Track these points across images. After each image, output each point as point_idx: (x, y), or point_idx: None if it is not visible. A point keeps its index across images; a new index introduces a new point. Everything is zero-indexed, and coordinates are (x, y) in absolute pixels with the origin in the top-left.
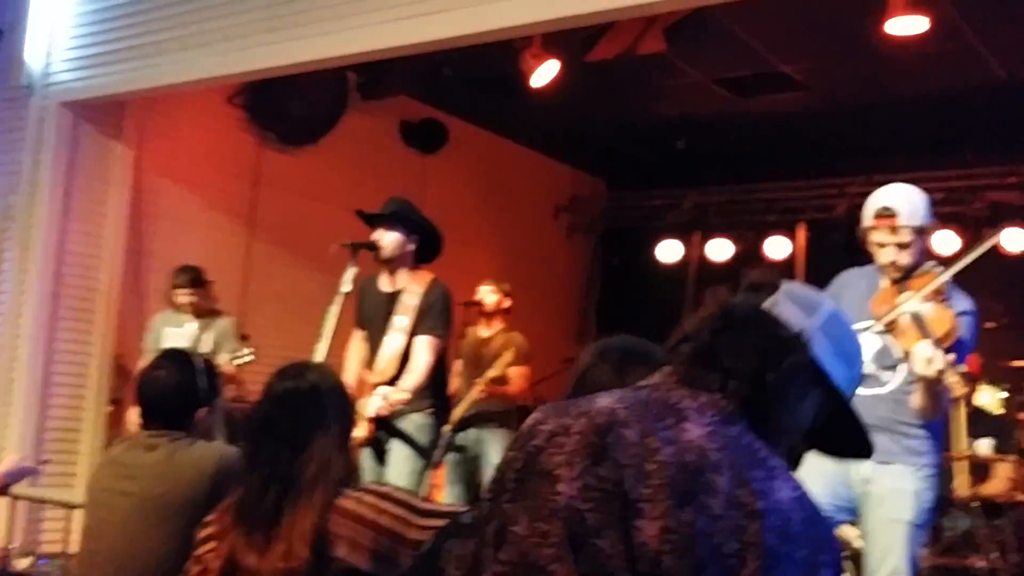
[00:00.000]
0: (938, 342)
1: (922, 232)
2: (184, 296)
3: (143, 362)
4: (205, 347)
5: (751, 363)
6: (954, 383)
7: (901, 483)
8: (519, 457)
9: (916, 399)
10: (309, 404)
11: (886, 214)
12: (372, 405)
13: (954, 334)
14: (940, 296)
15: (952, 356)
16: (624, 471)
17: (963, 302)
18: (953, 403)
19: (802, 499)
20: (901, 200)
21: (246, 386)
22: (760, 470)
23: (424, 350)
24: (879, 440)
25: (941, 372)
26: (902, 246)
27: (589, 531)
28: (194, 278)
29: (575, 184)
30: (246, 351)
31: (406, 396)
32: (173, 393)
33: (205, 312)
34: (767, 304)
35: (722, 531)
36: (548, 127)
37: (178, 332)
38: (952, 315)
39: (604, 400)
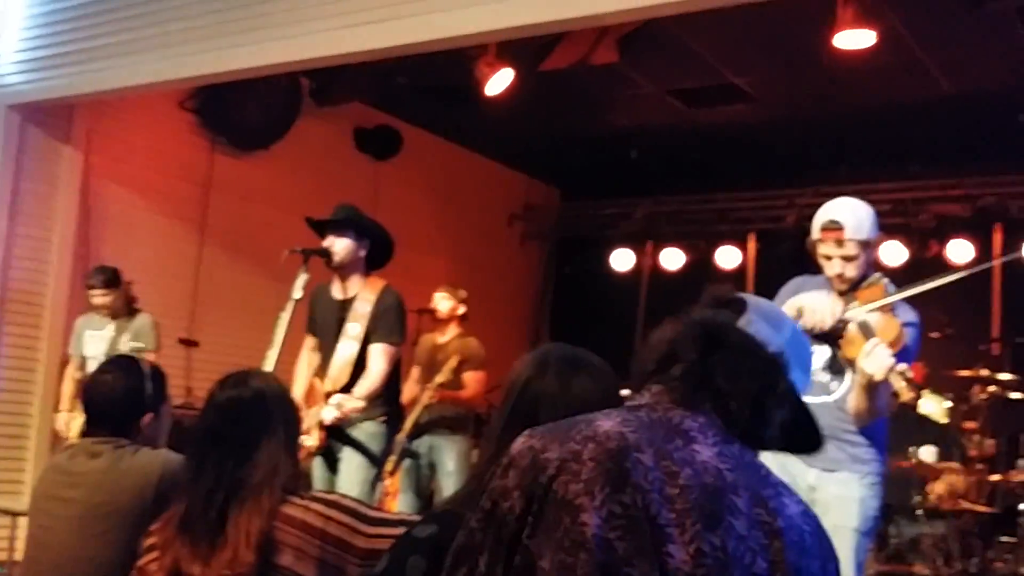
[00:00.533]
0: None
1: (868, 245)
2: (99, 297)
3: (70, 368)
4: (123, 349)
5: (750, 387)
6: (901, 388)
7: (846, 490)
8: (524, 489)
9: (853, 401)
10: (254, 411)
11: (833, 227)
12: (327, 413)
13: (900, 342)
14: (887, 307)
15: (904, 365)
16: (648, 496)
17: (908, 313)
18: (894, 409)
19: (807, 512)
20: (848, 214)
21: (195, 393)
22: (769, 488)
23: (379, 358)
24: (825, 447)
25: (890, 370)
26: (848, 259)
27: (620, 560)
28: (108, 278)
29: (529, 192)
30: (140, 345)
31: (361, 404)
32: (119, 399)
33: (123, 312)
34: (742, 323)
35: (750, 551)
36: (502, 135)
37: (98, 335)
38: (899, 324)
39: (606, 423)
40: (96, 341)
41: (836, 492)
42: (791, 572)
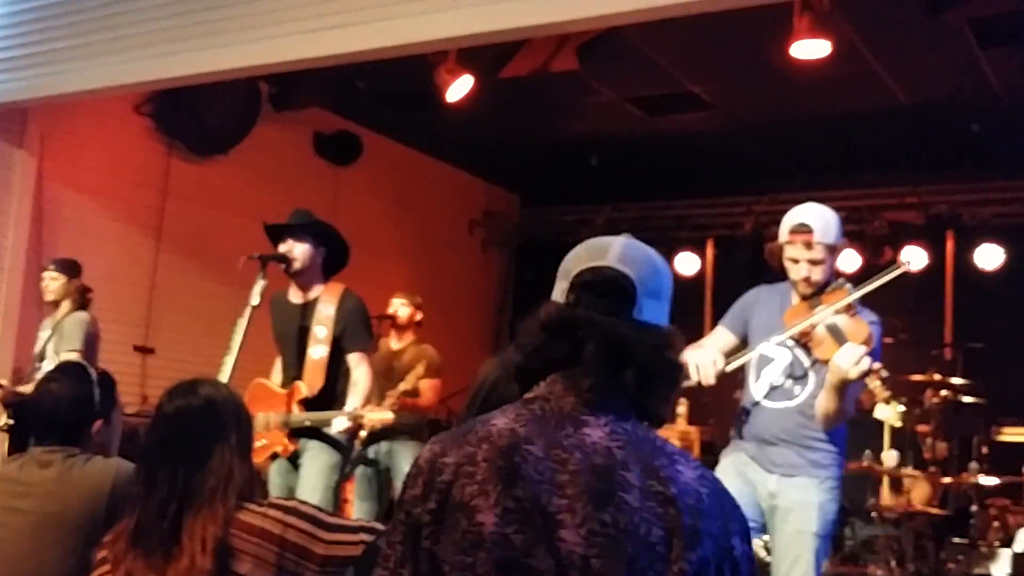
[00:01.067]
0: None
1: (834, 250)
2: (48, 280)
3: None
4: (50, 352)
5: (660, 388)
6: (876, 387)
7: (806, 496)
8: (428, 496)
9: (822, 403)
10: (205, 419)
11: (802, 230)
12: (338, 423)
13: (870, 344)
14: (852, 310)
15: (878, 364)
16: (539, 487)
17: (871, 315)
18: (863, 410)
19: (704, 475)
20: (816, 217)
21: (151, 401)
22: (663, 458)
23: (360, 366)
24: (785, 453)
25: (866, 373)
26: (815, 262)
27: (519, 553)
28: (64, 263)
29: (489, 199)
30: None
31: (390, 416)
32: (67, 407)
33: (65, 300)
34: (636, 312)
35: (645, 522)
36: (463, 142)
37: (42, 337)
38: (866, 326)
39: (500, 421)
40: (39, 345)
41: (796, 497)
42: (688, 536)
